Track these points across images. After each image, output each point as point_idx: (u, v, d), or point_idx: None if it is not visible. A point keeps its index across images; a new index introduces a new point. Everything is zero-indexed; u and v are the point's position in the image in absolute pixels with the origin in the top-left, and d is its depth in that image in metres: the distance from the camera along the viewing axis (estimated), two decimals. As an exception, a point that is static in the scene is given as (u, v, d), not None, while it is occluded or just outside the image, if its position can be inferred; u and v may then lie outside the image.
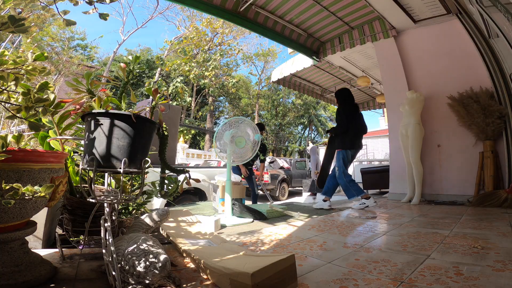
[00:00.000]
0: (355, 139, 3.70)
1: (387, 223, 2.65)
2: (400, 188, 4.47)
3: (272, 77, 7.00)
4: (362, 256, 1.58)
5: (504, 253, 1.53)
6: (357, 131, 3.72)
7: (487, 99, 3.78)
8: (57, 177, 1.15)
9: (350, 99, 3.85)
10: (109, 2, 0.94)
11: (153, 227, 1.53)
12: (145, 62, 22.21)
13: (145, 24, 17.11)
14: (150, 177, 2.00)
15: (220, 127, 3.08)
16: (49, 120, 1.34)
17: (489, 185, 3.66)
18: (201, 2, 4.01)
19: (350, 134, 3.67)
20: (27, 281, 1.05)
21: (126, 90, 1.53)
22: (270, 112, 26.49)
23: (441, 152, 4.28)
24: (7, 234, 1.04)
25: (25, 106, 1.03)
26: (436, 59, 4.36)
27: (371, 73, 6.95)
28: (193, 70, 17.71)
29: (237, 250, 1.46)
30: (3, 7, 0.89)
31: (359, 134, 3.77)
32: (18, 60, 1.01)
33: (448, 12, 4.02)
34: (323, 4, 4.48)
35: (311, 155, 9.93)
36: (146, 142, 1.24)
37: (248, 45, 23.13)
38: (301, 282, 1.21)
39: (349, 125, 3.66)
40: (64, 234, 1.56)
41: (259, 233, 2.25)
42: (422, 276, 1.24)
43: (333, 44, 5.48)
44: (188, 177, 1.51)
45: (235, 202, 3.08)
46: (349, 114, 3.71)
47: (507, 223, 2.38)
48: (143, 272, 1.06)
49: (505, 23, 2.33)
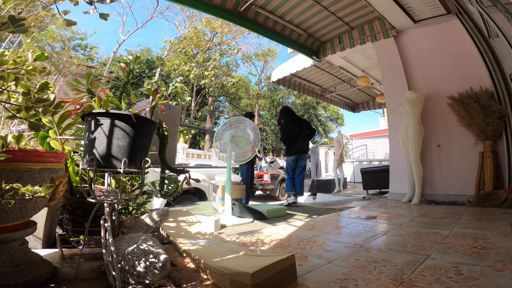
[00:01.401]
0: (291, 147, 4.46)
1: (387, 223, 2.65)
2: (400, 188, 4.47)
3: (272, 77, 7.00)
4: (362, 256, 1.58)
5: (504, 253, 1.53)
6: (290, 141, 4.49)
7: (487, 99, 3.78)
8: (57, 177, 1.15)
9: (284, 116, 4.62)
10: (109, 2, 0.94)
11: (153, 227, 1.53)
12: (145, 62, 22.21)
13: (145, 24, 17.09)
14: (150, 177, 2.00)
15: (220, 127, 3.08)
16: (49, 120, 1.34)
17: (489, 185, 3.66)
18: (201, 2, 4.01)
19: (287, 144, 4.51)
20: (27, 281, 1.05)
21: (126, 90, 1.53)
22: (270, 112, 26.48)
23: (441, 152, 4.28)
24: (7, 234, 1.04)
25: (25, 106, 1.03)
26: (436, 59, 4.36)
27: (371, 73, 6.95)
28: (192, 70, 17.71)
29: (237, 250, 1.46)
30: (3, 7, 0.89)
31: (294, 143, 4.46)
32: (18, 60, 1.01)
33: (448, 12, 4.02)
34: (323, 4, 4.48)
35: (311, 155, 9.91)
36: (146, 142, 1.24)
37: (248, 45, 23.14)
38: (301, 282, 1.21)
39: (286, 137, 4.48)
40: (64, 234, 1.55)
41: (259, 233, 2.25)
42: (422, 276, 1.24)
43: (333, 44, 5.48)
44: (188, 177, 1.51)
45: (235, 202, 3.08)
46: (284, 128, 4.53)
47: (507, 223, 2.38)
48: (143, 272, 1.06)
49: (505, 23, 2.33)
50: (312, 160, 9.76)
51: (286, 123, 4.54)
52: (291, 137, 4.45)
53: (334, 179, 7.38)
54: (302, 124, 4.52)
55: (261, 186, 8.20)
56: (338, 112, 30.19)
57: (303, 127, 4.49)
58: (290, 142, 4.46)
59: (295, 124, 4.51)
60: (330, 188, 7.01)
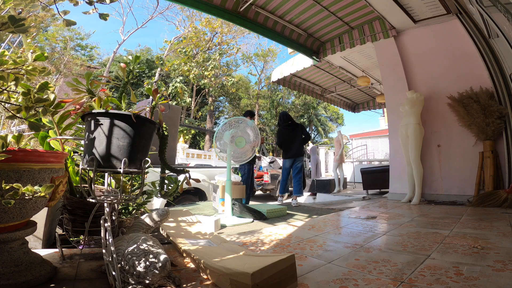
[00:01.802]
0: (287, 151, 4.69)
1: (387, 223, 2.65)
2: (400, 188, 4.47)
3: (272, 77, 7.00)
4: (362, 256, 1.58)
5: (504, 253, 1.53)
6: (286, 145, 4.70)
7: (487, 99, 3.78)
8: (57, 177, 1.15)
9: (281, 121, 4.83)
10: (109, 2, 0.94)
11: (153, 227, 1.53)
12: (145, 62, 22.20)
13: (145, 24, 17.08)
14: (150, 177, 2.00)
15: (220, 127, 3.08)
16: (49, 120, 1.34)
17: (489, 185, 3.66)
18: (201, 2, 4.01)
19: (283, 148, 4.75)
20: (27, 281, 1.05)
21: (126, 90, 1.53)
22: (270, 112, 26.48)
23: (441, 152, 4.28)
24: (7, 234, 1.04)
25: (25, 106, 1.03)
26: (436, 59, 4.36)
27: (371, 73, 6.95)
28: (192, 70, 17.70)
29: (237, 250, 1.46)
30: (3, 7, 0.89)
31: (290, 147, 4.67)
32: (18, 60, 1.01)
33: (448, 12, 4.02)
34: (323, 4, 4.48)
35: (311, 155, 9.92)
36: (146, 142, 1.24)
37: (248, 45, 23.10)
38: (301, 282, 1.21)
39: (281, 141, 4.73)
40: (64, 234, 1.55)
41: (259, 233, 2.25)
42: (422, 276, 1.24)
43: (333, 44, 5.48)
44: (188, 177, 1.51)
45: (235, 202, 3.08)
46: (280, 132, 4.78)
47: (507, 223, 2.38)
48: (143, 272, 1.06)
49: (505, 23, 2.33)
50: (312, 160, 9.75)
51: (282, 127, 4.77)
52: (287, 141, 4.68)
53: (334, 179, 7.37)
54: (298, 129, 4.72)
55: (261, 186, 8.19)
56: (338, 112, 30.19)
57: (298, 132, 4.68)
58: (286, 146, 4.70)
59: (291, 129, 4.71)
60: (330, 188, 7.01)
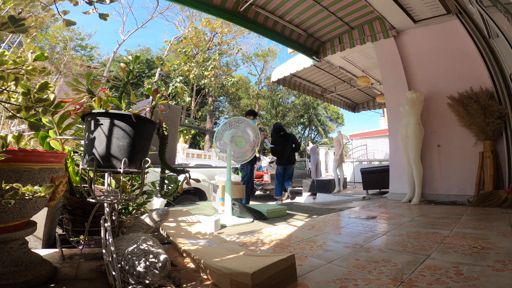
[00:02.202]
0: (280, 158, 5.26)
1: (387, 223, 2.65)
2: (400, 188, 4.47)
3: (272, 77, 7.00)
4: (362, 256, 1.58)
5: (504, 253, 1.53)
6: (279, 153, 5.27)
7: (487, 99, 3.78)
8: (57, 177, 1.15)
9: (274, 132, 5.43)
10: (109, 2, 0.94)
11: (153, 227, 1.53)
12: (145, 62, 22.21)
13: (145, 24, 17.10)
14: (150, 177, 2.00)
15: (220, 127, 3.08)
16: (49, 120, 1.34)
17: (489, 185, 3.66)
18: (202, 2, 4.01)
19: (277, 155, 5.33)
20: (27, 281, 1.05)
21: (126, 90, 1.53)
22: (270, 112, 26.49)
23: (441, 152, 4.28)
24: (7, 234, 1.04)
25: (25, 106, 1.03)
26: (436, 59, 4.36)
27: (371, 73, 6.94)
28: (192, 70, 17.70)
29: (237, 250, 1.46)
30: (3, 7, 0.89)
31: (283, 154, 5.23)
32: (18, 60, 1.01)
33: (448, 12, 4.01)
34: (323, 4, 4.48)
35: (311, 155, 9.92)
36: (146, 142, 1.24)
37: (248, 45, 23.11)
38: (301, 282, 1.21)
39: (275, 149, 5.30)
40: (64, 234, 1.55)
41: (259, 233, 2.25)
42: (422, 276, 1.24)
43: (333, 44, 5.48)
44: (188, 177, 1.51)
45: (235, 202, 3.08)
46: (274, 141, 5.32)
47: (507, 223, 2.38)
48: (143, 272, 1.06)
49: (505, 23, 2.33)
50: (312, 160, 9.75)
51: (276, 137, 5.32)
52: (280, 149, 5.23)
53: (334, 179, 7.37)
54: (289, 139, 5.26)
55: (261, 186, 8.18)
56: (338, 112, 30.19)
57: (289, 142, 5.23)
58: (279, 154, 5.27)
59: (283, 139, 5.25)
60: (330, 188, 7.01)
